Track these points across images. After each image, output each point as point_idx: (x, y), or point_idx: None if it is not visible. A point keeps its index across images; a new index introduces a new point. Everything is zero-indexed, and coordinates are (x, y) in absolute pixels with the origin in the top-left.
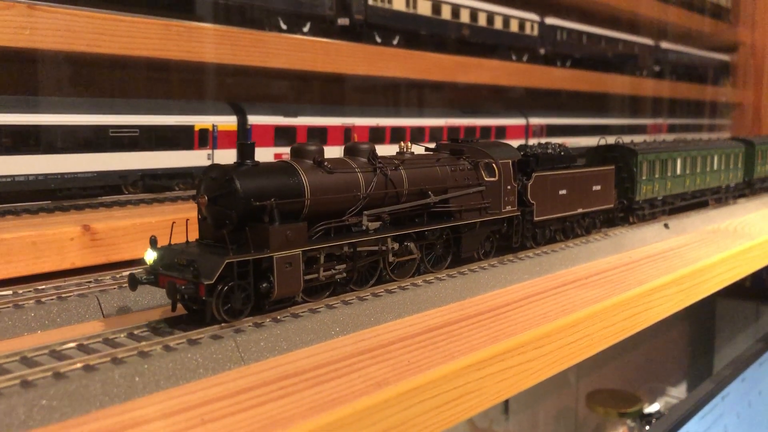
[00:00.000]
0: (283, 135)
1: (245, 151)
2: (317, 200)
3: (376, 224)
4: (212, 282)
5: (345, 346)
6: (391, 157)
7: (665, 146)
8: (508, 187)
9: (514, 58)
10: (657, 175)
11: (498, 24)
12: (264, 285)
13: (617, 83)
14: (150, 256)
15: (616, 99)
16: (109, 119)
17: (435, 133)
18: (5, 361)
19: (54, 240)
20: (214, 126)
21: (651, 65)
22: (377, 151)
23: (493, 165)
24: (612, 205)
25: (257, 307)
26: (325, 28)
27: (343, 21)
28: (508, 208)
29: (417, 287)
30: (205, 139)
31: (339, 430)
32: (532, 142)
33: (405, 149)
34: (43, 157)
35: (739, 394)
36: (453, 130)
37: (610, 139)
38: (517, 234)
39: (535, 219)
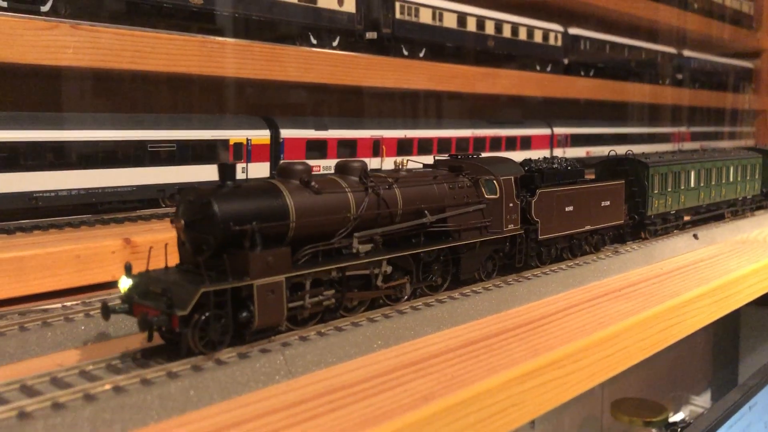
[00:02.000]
0: (314, 148)
1: (226, 171)
2: (303, 223)
3: (368, 247)
4: (186, 313)
5: (388, 360)
6: (384, 175)
7: (678, 158)
8: (511, 204)
9: (538, 68)
10: (669, 189)
11: (522, 35)
12: (244, 314)
13: (640, 92)
14: (125, 283)
15: (639, 108)
16: (148, 134)
17: (461, 144)
18: (65, 375)
19: (97, 253)
20: (248, 140)
21: (673, 73)
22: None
23: (494, 182)
24: (622, 221)
25: (237, 337)
26: (353, 42)
27: (371, 35)
28: (511, 226)
29: (454, 300)
30: (240, 152)
31: None
32: (557, 151)
33: (400, 166)
34: (84, 172)
35: (766, 403)
36: (479, 141)
37: (623, 150)
38: (520, 253)
39: (540, 237)
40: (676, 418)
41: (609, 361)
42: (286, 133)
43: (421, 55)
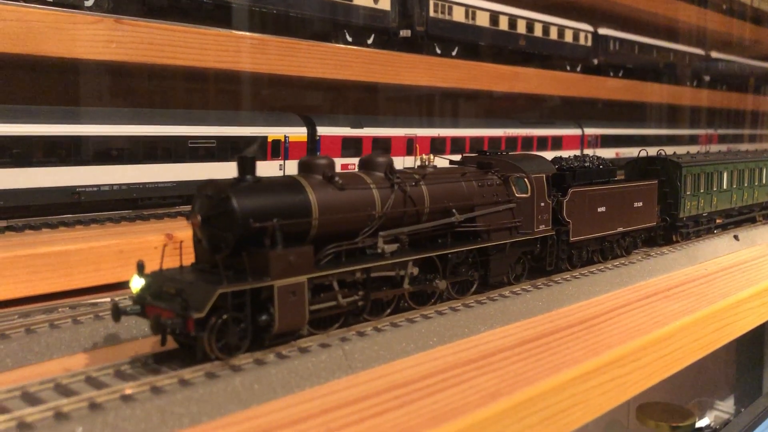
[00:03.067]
0: (349, 146)
1: (245, 165)
2: (326, 220)
3: (393, 246)
4: (202, 315)
5: (446, 357)
6: (411, 172)
7: (711, 158)
8: (542, 204)
9: (568, 68)
10: (702, 190)
11: (553, 35)
12: (263, 317)
13: (668, 93)
14: (137, 283)
15: (667, 109)
16: (188, 130)
17: (494, 144)
18: (126, 368)
19: (139, 248)
20: (285, 137)
21: (702, 74)
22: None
23: (525, 180)
24: (654, 223)
25: (256, 341)
26: (386, 40)
27: (405, 33)
28: (542, 227)
29: (505, 298)
30: (278, 149)
31: None
32: (587, 152)
33: (427, 162)
34: (126, 167)
35: None
36: (511, 141)
37: (653, 150)
38: (551, 256)
39: (572, 239)
40: (701, 423)
41: (666, 361)
42: (322, 130)
43: (454, 53)
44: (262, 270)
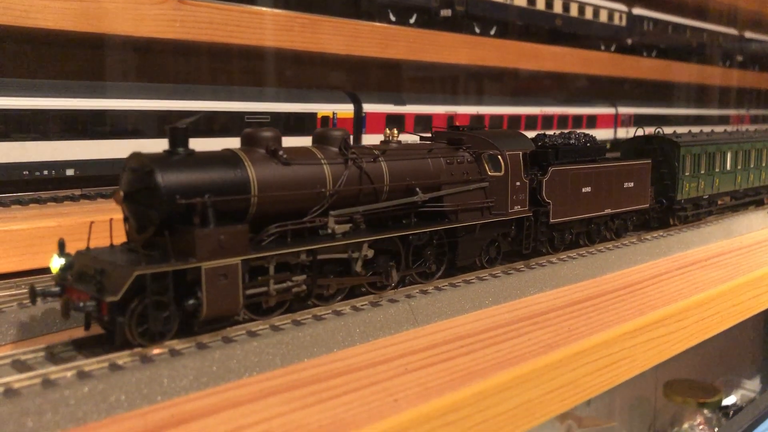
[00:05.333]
0: (393, 122)
1: (177, 137)
2: (268, 198)
3: (345, 227)
4: (116, 299)
5: (502, 314)
6: (370, 147)
7: (714, 138)
8: (518, 183)
9: (602, 47)
10: (703, 171)
11: (588, 14)
12: (190, 302)
13: (701, 73)
14: (56, 263)
15: (699, 89)
16: (245, 106)
17: (530, 122)
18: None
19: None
20: (334, 113)
21: (735, 55)
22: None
23: (499, 157)
24: (647, 205)
25: (185, 327)
26: (427, 19)
27: (445, 12)
28: (517, 207)
29: (553, 264)
30: (326, 125)
31: (525, 384)
32: (621, 132)
33: (391, 137)
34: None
35: None
36: (547, 119)
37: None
38: (528, 238)
39: (552, 221)
40: (728, 401)
41: (706, 323)
42: (368, 107)
43: (492, 33)
44: (187, 250)
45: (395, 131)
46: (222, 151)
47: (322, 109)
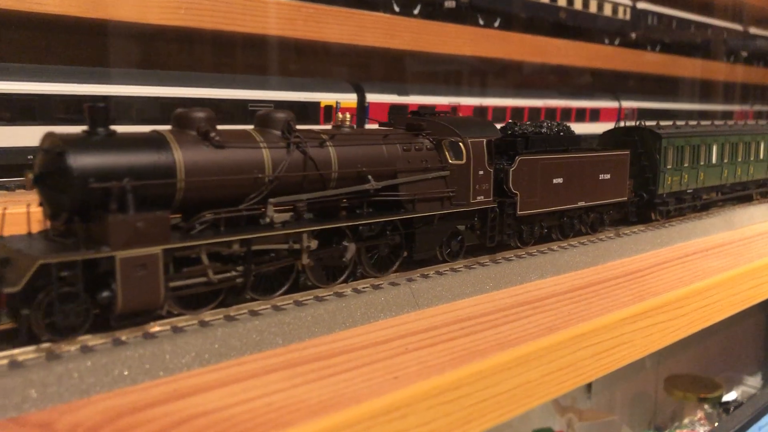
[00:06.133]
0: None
1: (96, 116)
2: (197, 183)
3: (285, 216)
4: (16, 290)
5: (503, 299)
6: (319, 131)
7: (699, 130)
8: (481, 172)
9: (606, 41)
10: (686, 164)
11: (593, 8)
12: (104, 294)
13: (705, 68)
14: None
15: (703, 84)
16: (249, 94)
17: (533, 114)
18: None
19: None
20: (337, 103)
21: (739, 51)
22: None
23: (461, 144)
24: (625, 198)
25: (101, 321)
26: (431, 11)
27: (449, 3)
28: (480, 198)
29: (554, 252)
30: (330, 115)
31: (524, 365)
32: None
33: (343, 122)
34: None
35: None
36: (550, 111)
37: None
38: (492, 231)
39: (519, 213)
40: (729, 397)
41: (706, 311)
42: (371, 97)
43: (496, 25)
44: (101, 239)
45: (347, 115)
46: (149, 132)
47: (326, 98)
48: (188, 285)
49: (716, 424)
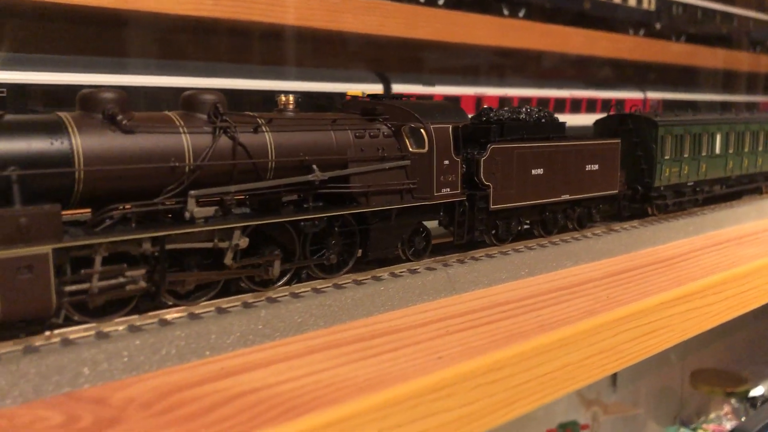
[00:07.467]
0: None
1: None
2: (100, 173)
3: (209, 210)
4: None
5: (539, 284)
6: (254, 115)
7: (700, 118)
8: (446, 162)
9: (631, 32)
10: (686, 155)
11: None
12: None
13: (731, 59)
14: None
15: (729, 75)
16: (275, 84)
17: (559, 105)
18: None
19: None
20: (363, 93)
21: (765, 40)
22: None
23: (422, 131)
24: (616, 191)
25: None
26: (456, 0)
27: None
28: (446, 190)
29: (588, 239)
30: None
31: (566, 347)
32: None
33: (286, 105)
34: None
35: None
36: (576, 102)
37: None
38: (461, 227)
39: (492, 207)
40: (756, 392)
41: (744, 297)
42: (397, 88)
43: (521, 15)
44: None
45: (291, 98)
46: (45, 115)
47: (352, 88)
48: (88, 290)
49: (743, 419)
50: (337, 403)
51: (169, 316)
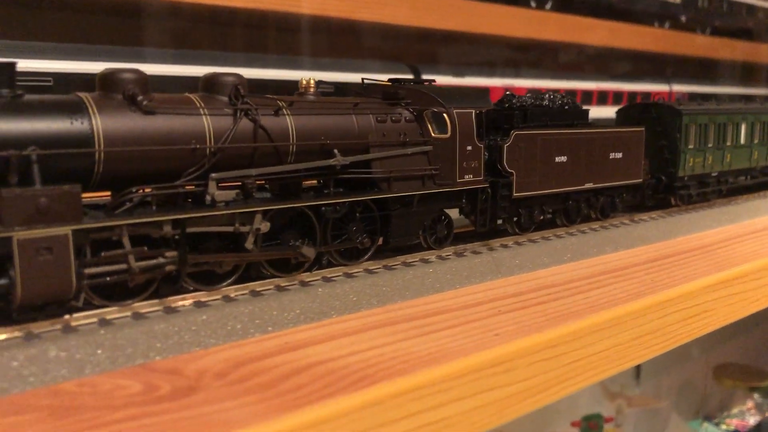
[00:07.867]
0: None
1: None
2: (120, 154)
3: (230, 194)
4: None
5: (583, 268)
6: (275, 98)
7: (725, 107)
8: (469, 147)
9: (656, 24)
10: (711, 144)
11: None
12: (1, 282)
13: (759, 52)
14: None
15: (757, 68)
16: (307, 75)
17: (585, 98)
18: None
19: None
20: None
21: None
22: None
23: (445, 116)
24: (640, 180)
25: (3, 314)
26: None
27: None
28: (468, 177)
29: (627, 225)
30: None
31: (617, 326)
32: None
33: (307, 88)
34: None
35: None
36: (602, 95)
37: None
38: (483, 214)
39: (515, 195)
40: None
41: None
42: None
43: (548, 7)
44: None
45: (312, 80)
46: (64, 95)
47: (383, 79)
48: (109, 272)
49: (767, 414)
50: (404, 374)
51: (232, 293)
